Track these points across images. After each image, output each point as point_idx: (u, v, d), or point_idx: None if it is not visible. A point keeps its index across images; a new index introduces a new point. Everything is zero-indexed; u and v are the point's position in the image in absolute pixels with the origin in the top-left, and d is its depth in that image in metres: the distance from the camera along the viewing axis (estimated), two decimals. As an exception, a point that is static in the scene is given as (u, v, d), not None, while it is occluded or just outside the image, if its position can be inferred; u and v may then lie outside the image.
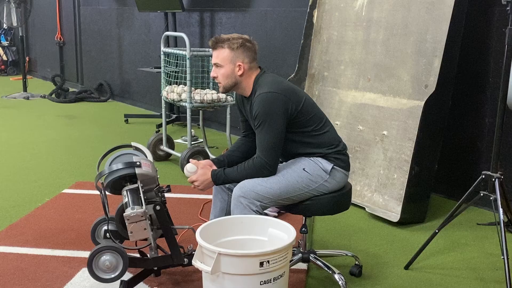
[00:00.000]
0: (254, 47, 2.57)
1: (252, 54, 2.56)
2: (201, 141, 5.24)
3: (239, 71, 2.53)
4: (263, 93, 2.47)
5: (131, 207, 2.44)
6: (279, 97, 2.45)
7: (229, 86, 2.57)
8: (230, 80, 2.55)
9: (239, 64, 2.52)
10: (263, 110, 2.45)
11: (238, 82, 2.55)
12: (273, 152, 2.47)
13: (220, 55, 2.53)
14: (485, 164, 3.72)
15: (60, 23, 9.23)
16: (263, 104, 2.45)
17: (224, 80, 2.55)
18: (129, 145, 2.77)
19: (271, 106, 2.44)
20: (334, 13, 4.25)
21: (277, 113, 2.44)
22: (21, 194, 3.93)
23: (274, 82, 2.53)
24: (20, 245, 3.04)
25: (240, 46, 2.52)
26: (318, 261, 2.73)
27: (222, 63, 2.53)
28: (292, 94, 2.50)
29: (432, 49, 3.54)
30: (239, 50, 2.52)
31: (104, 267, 2.43)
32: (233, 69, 2.53)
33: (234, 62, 2.52)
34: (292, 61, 4.91)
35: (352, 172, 3.83)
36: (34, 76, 10.43)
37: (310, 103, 2.58)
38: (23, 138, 5.63)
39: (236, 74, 2.53)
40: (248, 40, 2.56)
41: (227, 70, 2.53)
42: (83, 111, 7.26)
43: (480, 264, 2.96)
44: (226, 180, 2.55)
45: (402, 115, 3.65)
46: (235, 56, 2.52)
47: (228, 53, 2.52)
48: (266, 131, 2.45)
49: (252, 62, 2.56)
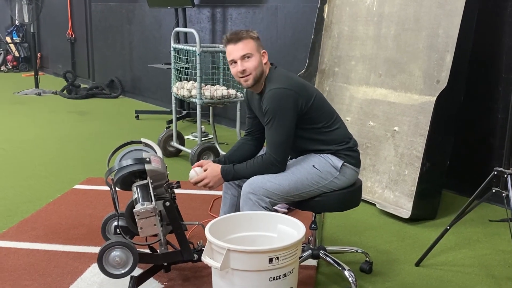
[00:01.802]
0: None
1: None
2: (211, 137, 5.24)
3: (264, 59, 2.56)
4: (274, 88, 2.46)
5: (141, 203, 2.44)
6: (289, 93, 2.45)
7: (259, 75, 2.54)
8: (259, 69, 2.54)
9: (263, 52, 2.56)
10: (273, 105, 2.44)
11: (264, 71, 2.56)
12: (282, 148, 2.46)
13: (247, 45, 2.52)
14: (497, 160, 3.68)
15: (72, 20, 9.27)
16: (273, 100, 2.44)
17: (255, 70, 2.52)
18: (139, 141, 2.78)
19: (281, 102, 2.44)
20: (345, 8, 4.23)
21: (287, 109, 2.44)
22: (32, 189, 3.96)
23: (285, 77, 2.52)
24: (31, 241, 3.06)
25: (257, 37, 2.57)
26: (328, 258, 2.72)
27: (252, 51, 2.52)
28: (303, 90, 2.50)
29: (444, 44, 3.51)
30: (259, 40, 2.57)
31: (114, 263, 2.44)
32: (260, 58, 2.55)
33: (259, 50, 2.55)
34: (303, 56, 4.89)
35: (363, 169, 3.82)
36: (45, 73, 10.49)
37: (321, 99, 2.57)
38: (34, 134, 5.66)
39: (263, 62, 2.55)
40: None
41: (257, 59, 2.53)
42: (94, 107, 7.29)
43: (492, 261, 2.93)
44: (235, 176, 2.55)
45: (414, 111, 3.62)
46: (258, 45, 2.55)
47: (253, 42, 2.53)
48: (275, 127, 2.44)
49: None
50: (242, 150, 2.75)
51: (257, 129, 2.73)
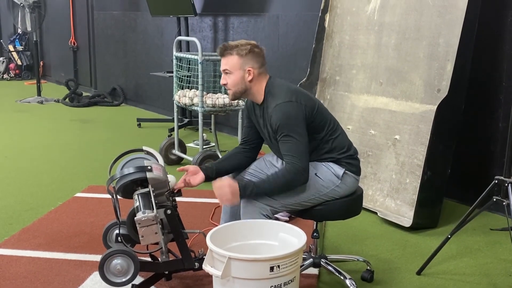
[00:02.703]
0: (262, 52, 2.56)
1: (261, 59, 2.55)
2: (213, 145, 5.25)
3: (249, 76, 2.51)
4: (280, 103, 2.45)
5: (142, 211, 2.45)
6: (296, 106, 2.44)
7: (239, 93, 2.55)
8: (240, 87, 2.53)
9: (248, 69, 2.51)
10: (284, 121, 2.42)
11: (248, 88, 2.54)
12: (304, 157, 2.42)
13: (229, 61, 2.52)
14: (498, 169, 3.68)
15: (74, 28, 9.31)
16: (283, 115, 2.43)
17: (234, 87, 2.54)
18: (140, 149, 2.79)
19: (291, 115, 2.43)
20: (346, 17, 4.25)
21: (299, 121, 2.43)
22: (34, 197, 3.97)
23: (287, 90, 2.51)
24: (32, 249, 3.07)
25: (249, 52, 2.51)
26: (330, 266, 2.72)
27: (232, 69, 2.52)
28: (307, 100, 2.50)
29: (445, 53, 3.52)
30: (248, 56, 2.51)
31: (115, 271, 2.44)
32: (243, 75, 2.51)
33: (243, 68, 2.51)
34: (304, 65, 4.90)
35: (364, 177, 3.82)
36: (48, 81, 10.52)
37: (322, 108, 2.58)
38: (36, 142, 5.67)
39: (246, 80, 2.52)
40: (256, 46, 2.55)
41: (237, 76, 2.52)
42: (96, 115, 7.31)
43: (493, 270, 2.93)
44: (255, 191, 2.41)
45: (415, 120, 3.63)
46: (244, 62, 2.51)
47: (237, 59, 2.51)
48: (293, 140, 2.41)
49: (261, 67, 2.55)
50: (233, 160, 2.73)
51: (253, 139, 2.73)
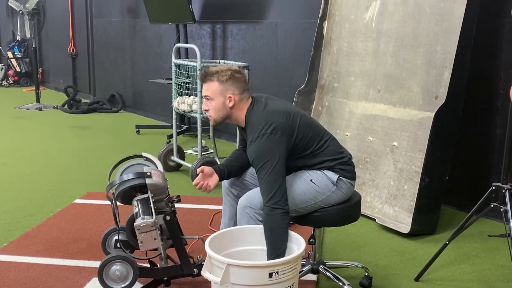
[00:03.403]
0: (244, 78, 2.55)
1: (242, 85, 2.53)
2: (211, 151, 5.26)
3: (230, 103, 2.50)
4: (255, 138, 2.42)
5: (141, 217, 2.45)
6: (271, 139, 2.40)
7: (220, 119, 2.54)
8: (221, 113, 2.52)
9: (229, 96, 2.49)
10: (258, 158, 2.40)
11: (229, 114, 2.53)
12: (273, 192, 2.36)
13: (209, 88, 2.51)
14: (496, 175, 3.69)
15: (73, 35, 9.33)
16: (255, 152, 2.41)
17: (215, 113, 2.53)
18: (139, 155, 2.80)
19: (263, 152, 2.39)
20: (344, 24, 4.27)
21: (273, 156, 2.38)
22: (33, 204, 3.97)
23: (264, 118, 2.45)
24: (31, 255, 3.07)
25: (230, 78, 2.50)
26: (328, 272, 2.72)
27: (212, 95, 2.51)
28: (284, 127, 2.43)
29: (442, 60, 3.55)
30: (228, 82, 2.49)
31: (114, 277, 2.45)
32: (224, 102, 2.50)
33: (224, 94, 2.49)
34: (302, 72, 4.92)
35: (362, 183, 3.83)
36: (47, 87, 10.53)
37: (304, 125, 2.51)
38: (35, 149, 5.68)
39: (227, 106, 2.50)
40: (238, 71, 2.54)
41: (217, 102, 2.51)
42: (95, 122, 7.31)
43: (491, 276, 2.94)
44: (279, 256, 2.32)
45: (413, 126, 3.64)
46: (225, 88, 2.49)
47: (218, 85, 2.50)
48: (267, 179, 2.37)
49: (243, 93, 2.52)
50: (239, 160, 2.75)
51: None
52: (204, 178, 2.68)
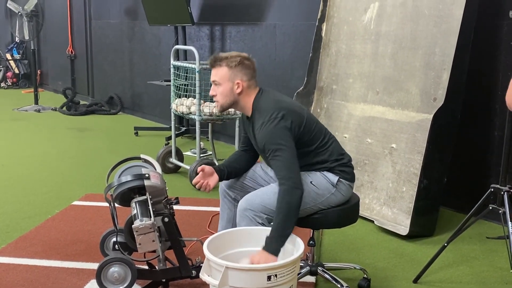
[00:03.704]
0: (252, 65, 2.56)
1: (250, 72, 2.54)
2: (210, 153, 5.26)
3: (238, 89, 2.51)
4: (265, 123, 2.44)
5: (139, 219, 2.45)
6: (282, 124, 2.42)
7: (227, 105, 2.56)
8: (229, 99, 2.54)
9: (237, 82, 2.51)
10: (270, 140, 2.41)
11: (236, 100, 2.54)
12: (294, 172, 2.39)
13: (218, 73, 2.53)
14: (494, 177, 3.70)
15: (72, 37, 9.33)
16: (268, 135, 2.42)
17: (222, 99, 2.54)
18: (138, 157, 2.80)
19: (275, 133, 2.41)
20: (343, 26, 4.27)
21: (284, 139, 2.41)
22: (31, 205, 3.96)
23: (273, 106, 2.48)
24: (29, 257, 3.06)
25: (239, 64, 2.51)
26: (326, 274, 2.72)
27: (221, 81, 2.52)
28: (294, 115, 2.47)
29: (441, 62, 3.55)
30: (237, 68, 2.51)
31: (112, 279, 2.45)
32: (232, 87, 2.51)
33: (232, 80, 2.51)
34: (301, 74, 4.93)
35: (360, 185, 3.83)
36: (45, 89, 10.53)
37: (311, 120, 2.55)
38: (34, 150, 5.67)
39: (235, 92, 2.52)
40: (247, 58, 2.55)
41: (225, 88, 2.52)
42: (94, 123, 7.31)
43: (490, 278, 2.94)
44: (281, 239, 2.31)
45: (411, 128, 3.65)
46: (233, 74, 2.51)
47: (227, 71, 2.51)
48: (280, 159, 2.39)
49: (251, 80, 2.54)
50: (240, 162, 2.75)
51: (251, 147, 2.74)
52: (204, 177, 2.68)
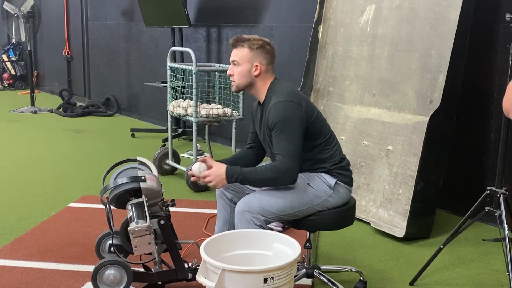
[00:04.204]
0: (272, 51, 2.60)
1: (270, 57, 2.58)
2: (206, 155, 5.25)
3: (256, 71, 2.55)
4: (281, 101, 2.46)
5: (135, 221, 2.45)
6: (295, 106, 2.46)
7: (243, 85, 2.58)
8: (246, 80, 2.56)
9: (256, 64, 2.54)
10: (281, 118, 2.43)
11: (253, 82, 2.57)
12: (295, 158, 2.41)
13: (239, 53, 2.56)
14: (490, 179, 3.70)
15: (68, 38, 9.32)
16: (280, 112, 2.44)
17: (239, 79, 2.57)
18: (134, 159, 2.79)
19: (288, 114, 2.44)
20: (339, 29, 4.28)
21: (295, 121, 2.44)
22: (27, 207, 3.95)
23: (289, 91, 2.54)
24: (25, 259, 3.05)
25: (260, 47, 2.55)
26: (323, 277, 2.72)
27: (240, 61, 2.55)
28: (308, 105, 2.52)
29: (437, 65, 3.55)
30: (258, 51, 2.55)
31: (108, 281, 2.44)
32: (250, 69, 2.55)
33: (252, 61, 2.54)
34: (298, 76, 4.93)
35: (357, 187, 3.83)
36: (42, 91, 10.51)
37: (321, 117, 2.59)
38: (30, 152, 5.66)
39: (252, 74, 2.55)
40: (268, 43, 2.59)
41: (244, 68, 2.55)
42: (90, 125, 7.30)
43: (486, 280, 2.94)
44: (240, 178, 2.45)
45: (407, 131, 3.65)
46: (254, 56, 2.54)
47: (247, 52, 2.54)
48: (286, 139, 2.42)
49: (269, 64, 2.58)
50: (246, 159, 2.74)
51: (258, 145, 2.74)
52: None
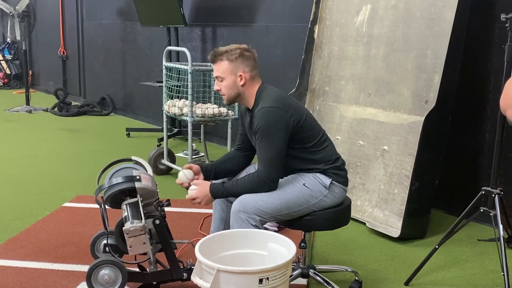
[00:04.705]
0: (253, 56, 2.59)
1: (252, 62, 2.57)
2: (202, 155, 5.25)
3: (241, 81, 2.54)
4: (266, 107, 2.47)
5: (130, 221, 2.44)
6: (280, 112, 2.46)
7: (232, 97, 2.59)
8: (233, 91, 2.56)
9: (240, 74, 2.54)
10: (264, 123, 2.44)
11: (241, 92, 2.57)
12: (274, 166, 2.45)
13: (220, 67, 2.55)
14: (485, 180, 3.71)
15: (64, 37, 9.29)
16: (265, 118, 2.45)
17: (227, 92, 2.57)
18: (129, 159, 2.78)
19: (272, 120, 2.44)
20: (335, 28, 4.28)
21: (278, 128, 2.44)
22: (22, 207, 3.94)
23: (276, 96, 2.53)
24: (19, 259, 3.04)
25: (239, 56, 2.53)
26: (318, 277, 2.72)
27: (223, 75, 2.55)
28: (294, 110, 2.51)
29: (432, 65, 3.56)
30: (238, 61, 2.53)
31: (103, 281, 2.43)
32: (235, 80, 2.54)
33: (235, 73, 2.53)
34: (293, 76, 4.93)
35: (352, 187, 3.83)
36: (37, 90, 10.48)
37: (310, 119, 2.58)
38: (25, 151, 5.64)
39: (238, 84, 2.54)
40: (247, 49, 2.57)
41: (229, 81, 2.54)
42: (85, 124, 7.28)
43: (481, 280, 2.94)
44: (224, 194, 2.54)
45: (403, 130, 3.65)
46: (235, 66, 2.53)
47: (228, 64, 2.53)
48: (266, 145, 2.44)
49: (253, 70, 2.57)
50: (231, 163, 2.76)
51: (247, 146, 2.75)
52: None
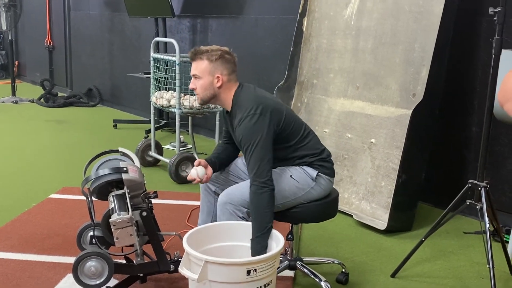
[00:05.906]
0: (233, 59, 2.55)
1: (231, 66, 2.54)
2: (190, 147, 5.24)
3: (218, 82, 2.50)
4: (244, 118, 2.43)
5: (117, 213, 2.42)
6: (260, 119, 2.42)
7: (207, 98, 2.55)
8: (209, 92, 2.53)
9: (217, 76, 2.50)
10: (247, 135, 2.41)
11: (216, 94, 2.53)
12: (264, 170, 2.39)
13: (198, 66, 2.52)
14: (472, 173, 3.74)
15: (50, 28, 9.20)
16: (245, 130, 2.42)
17: (202, 92, 2.53)
18: (116, 150, 2.77)
19: (253, 129, 2.41)
20: (324, 21, 4.27)
21: (261, 135, 2.40)
22: (7, 199, 3.90)
23: (253, 100, 2.48)
24: (5, 250, 3.02)
25: (219, 58, 2.50)
26: (305, 269, 2.73)
27: (201, 74, 2.51)
28: (273, 112, 2.46)
29: (420, 58, 3.57)
30: (218, 62, 2.50)
31: (89, 273, 2.42)
32: (212, 81, 2.51)
33: (213, 73, 2.50)
34: (282, 68, 4.92)
35: (340, 180, 3.85)
36: (23, 80, 10.38)
37: (290, 116, 2.55)
38: (10, 143, 5.59)
39: (215, 86, 2.51)
40: (228, 52, 2.54)
41: (205, 81, 2.51)
42: (72, 116, 7.23)
43: (466, 272, 2.97)
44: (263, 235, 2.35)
45: (390, 124, 3.66)
46: (214, 67, 2.50)
47: (207, 64, 2.50)
48: (254, 155, 2.39)
49: (231, 74, 2.53)
50: (226, 152, 2.76)
51: (233, 141, 2.74)
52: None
